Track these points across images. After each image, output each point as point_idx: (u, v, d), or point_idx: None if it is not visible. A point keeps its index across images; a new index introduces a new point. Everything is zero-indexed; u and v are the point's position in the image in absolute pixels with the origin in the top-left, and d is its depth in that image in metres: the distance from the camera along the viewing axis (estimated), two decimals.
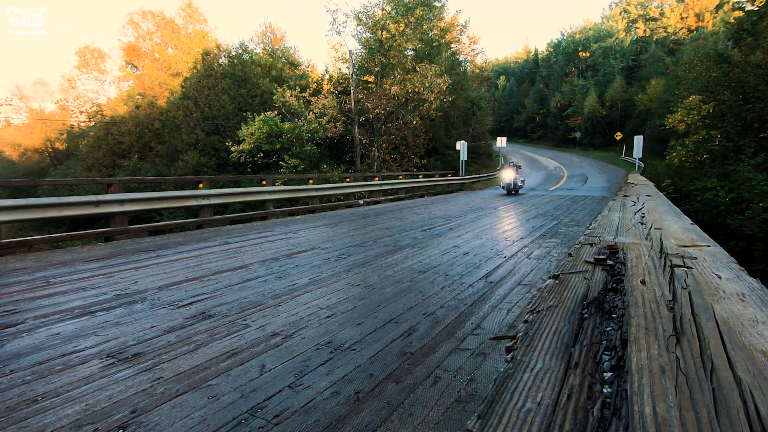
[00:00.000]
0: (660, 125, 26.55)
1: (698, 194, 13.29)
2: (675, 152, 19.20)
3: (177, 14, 37.55)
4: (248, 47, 32.48)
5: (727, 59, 16.58)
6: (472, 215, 9.91)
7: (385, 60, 23.68)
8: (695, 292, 2.59)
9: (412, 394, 2.23)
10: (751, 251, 9.84)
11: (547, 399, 1.53)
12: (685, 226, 5.56)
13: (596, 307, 2.47)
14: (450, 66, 29.15)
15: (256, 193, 9.82)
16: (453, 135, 28.89)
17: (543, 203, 12.94)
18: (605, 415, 1.45)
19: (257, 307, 3.46)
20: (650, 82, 43.38)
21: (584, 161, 38.93)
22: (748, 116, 15.06)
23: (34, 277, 4.39)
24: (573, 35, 64.42)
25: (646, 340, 1.95)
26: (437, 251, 5.73)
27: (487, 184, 24.22)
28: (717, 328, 2.00)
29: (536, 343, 2.01)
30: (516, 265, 5.00)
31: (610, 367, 1.80)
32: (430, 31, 26.11)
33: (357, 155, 23.82)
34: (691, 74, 19.47)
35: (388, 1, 23.92)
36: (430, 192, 18.45)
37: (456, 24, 33.35)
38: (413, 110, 23.93)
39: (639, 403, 1.45)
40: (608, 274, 3.18)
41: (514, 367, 1.78)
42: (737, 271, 3.16)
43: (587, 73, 58.09)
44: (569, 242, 6.24)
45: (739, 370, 1.58)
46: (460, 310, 3.50)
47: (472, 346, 2.82)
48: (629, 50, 56.64)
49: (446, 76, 23.54)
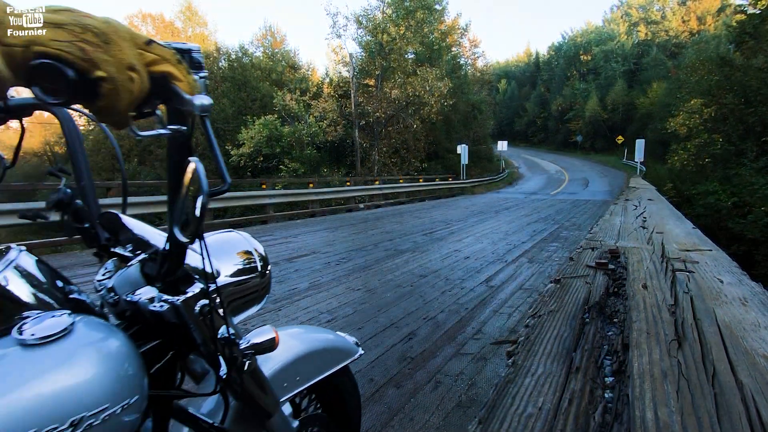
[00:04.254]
0: (661, 129, 26.54)
1: (700, 198, 13.26)
2: (677, 156, 19.20)
3: (177, 17, 37.67)
4: (248, 50, 32.54)
5: (729, 62, 16.58)
6: (473, 219, 9.90)
7: (386, 63, 23.71)
8: (697, 296, 2.58)
9: (413, 398, 2.22)
10: (753, 255, 9.82)
11: (549, 404, 1.52)
12: (686, 230, 5.56)
13: (597, 311, 2.46)
14: (451, 69, 29.19)
15: (255, 196, 9.82)
16: (454, 138, 28.89)
17: (544, 207, 12.93)
18: (606, 420, 1.44)
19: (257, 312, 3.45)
20: (652, 85, 43.39)
21: (585, 165, 38.93)
22: (749, 120, 15.04)
23: None
24: (574, 38, 64.57)
25: (647, 344, 1.94)
26: (438, 255, 5.73)
27: (488, 187, 24.23)
28: (719, 333, 1.99)
29: (537, 347, 2.00)
30: (517, 270, 4.99)
31: (611, 371, 1.80)
32: (430, 34, 26.16)
33: (357, 159, 23.83)
34: (692, 77, 19.48)
35: (389, 4, 23.99)
36: (430, 196, 18.45)
37: (457, 27, 33.41)
38: (414, 113, 23.95)
39: (640, 407, 1.45)
40: (610, 279, 3.18)
41: (515, 372, 1.77)
42: (739, 275, 3.16)
43: (588, 76, 58.15)
44: (570, 246, 6.23)
45: (741, 374, 1.58)
46: (460, 314, 3.49)
47: (473, 350, 2.81)
48: (630, 53, 56.71)
49: (447, 80, 23.57)
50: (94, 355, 0.57)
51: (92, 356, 0.57)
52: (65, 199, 0.86)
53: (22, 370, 0.51)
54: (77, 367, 0.55)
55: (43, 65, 0.39)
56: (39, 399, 0.50)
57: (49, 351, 0.53)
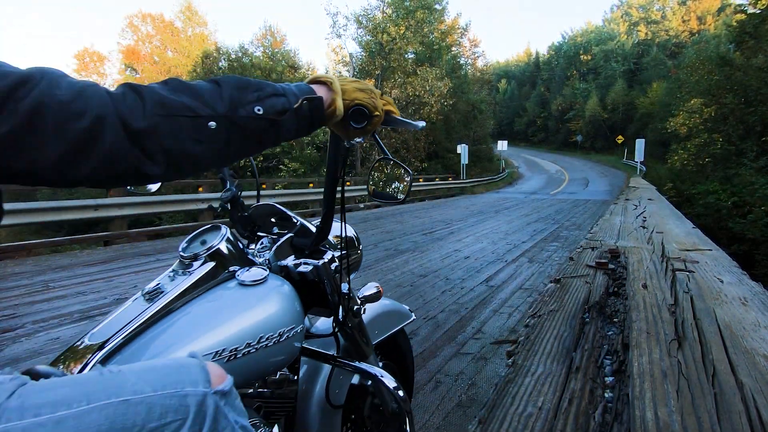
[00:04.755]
0: (662, 128, 26.54)
1: (700, 198, 13.24)
2: (677, 155, 19.18)
3: (177, 17, 37.64)
4: (248, 50, 32.49)
5: (729, 62, 16.56)
6: (473, 219, 9.90)
7: (386, 63, 23.72)
8: (697, 296, 2.58)
9: (413, 398, 2.22)
10: (753, 255, 9.80)
11: (549, 403, 1.52)
12: (686, 230, 5.56)
13: (597, 311, 2.46)
14: (451, 69, 29.18)
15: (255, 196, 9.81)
16: (454, 138, 28.87)
17: (544, 207, 12.92)
18: (606, 420, 1.44)
19: None
20: (652, 85, 43.40)
21: (585, 165, 38.92)
22: (750, 119, 15.03)
23: (33, 282, 4.38)
24: (574, 38, 64.58)
25: (647, 344, 1.94)
26: (438, 255, 5.73)
27: (488, 187, 24.22)
28: (719, 332, 1.99)
29: (537, 347, 2.00)
30: (517, 269, 4.99)
31: (611, 371, 1.79)
32: (430, 34, 26.15)
33: (357, 159, 23.82)
34: (692, 77, 19.47)
35: (389, 4, 23.98)
36: (430, 195, 18.44)
37: (457, 27, 33.40)
38: (414, 113, 23.95)
39: (640, 407, 1.44)
40: (609, 278, 3.17)
41: (515, 372, 1.77)
42: (739, 275, 3.15)
43: (588, 76, 58.15)
44: (570, 246, 6.23)
45: (741, 374, 1.57)
46: (460, 314, 3.49)
47: (473, 350, 2.81)
48: (631, 53, 56.72)
49: (447, 79, 23.58)
50: (280, 295, 0.91)
51: (280, 295, 0.90)
52: (234, 196, 1.18)
53: (244, 301, 0.86)
54: (272, 301, 0.88)
55: (358, 109, 0.74)
56: (253, 320, 0.83)
57: (257, 290, 0.88)
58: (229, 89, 0.61)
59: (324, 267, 1.00)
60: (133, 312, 0.78)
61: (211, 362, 0.65)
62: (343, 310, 1.03)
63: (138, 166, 0.54)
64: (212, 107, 0.58)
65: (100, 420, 0.50)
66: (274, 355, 0.86)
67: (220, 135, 0.59)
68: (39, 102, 0.47)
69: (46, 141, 0.47)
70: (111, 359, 0.71)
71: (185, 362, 0.62)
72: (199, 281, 0.85)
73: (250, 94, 0.62)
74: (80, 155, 0.50)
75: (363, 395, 1.27)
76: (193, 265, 0.89)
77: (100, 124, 0.49)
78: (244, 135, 0.62)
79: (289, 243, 1.08)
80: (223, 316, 0.82)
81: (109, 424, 0.50)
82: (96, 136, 0.50)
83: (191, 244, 0.95)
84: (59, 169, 0.50)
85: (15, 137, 0.46)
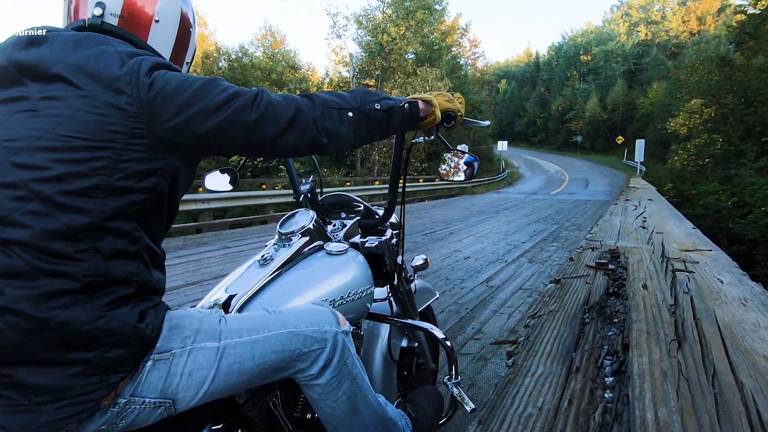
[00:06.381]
0: (662, 129, 26.50)
1: (700, 198, 13.23)
2: (677, 156, 19.16)
3: None
4: (248, 50, 32.51)
5: (729, 63, 16.56)
6: (473, 219, 9.90)
7: (386, 63, 23.72)
8: (697, 296, 2.58)
9: None
10: (753, 256, 9.78)
11: (548, 404, 1.52)
12: (686, 231, 5.55)
13: (597, 311, 2.46)
14: (451, 69, 29.22)
15: (255, 196, 9.82)
16: (453, 139, 28.91)
17: (544, 207, 12.92)
18: (606, 420, 1.44)
19: None
20: (652, 85, 43.37)
21: (585, 165, 38.91)
22: (750, 120, 15.02)
23: None
24: (574, 38, 64.60)
25: (647, 344, 1.94)
26: (438, 255, 5.72)
27: (488, 188, 24.22)
28: (719, 333, 1.99)
29: (537, 347, 2.00)
30: (517, 270, 4.99)
31: (611, 371, 1.79)
32: (430, 34, 26.15)
33: (357, 159, 23.84)
34: (692, 78, 19.44)
35: (389, 5, 23.99)
36: (430, 196, 18.44)
37: (457, 27, 33.42)
38: None
39: (640, 408, 1.45)
40: (610, 279, 3.17)
41: (515, 372, 1.77)
42: (739, 275, 3.15)
43: (589, 76, 58.15)
44: (570, 246, 6.23)
45: (741, 374, 1.58)
46: (460, 314, 3.49)
47: (473, 350, 2.81)
48: (631, 53, 56.73)
49: (447, 80, 23.59)
50: (357, 262, 1.18)
51: (357, 263, 1.18)
52: (312, 189, 1.44)
53: (333, 266, 1.13)
54: (352, 267, 1.16)
55: (448, 114, 1.05)
56: (341, 280, 1.10)
57: (341, 258, 1.15)
58: (359, 94, 0.93)
59: (386, 242, 1.30)
60: (254, 273, 1.07)
61: (336, 309, 0.97)
62: (398, 278, 1.35)
63: (317, 138, 0.84)
64: (350, 104, 0.90)
65: (277, 344, 0.83)
66: (356, 309, 1.12)
67: (355, 120, 0.89)
68: (269, 102, 0.80)
69: (271, 124, 0.79)
70: (247, 305, 0.97)
71: (322, 308, 0.94)
72: (296, 252, 1.11)
73: (372, 97, 0.94)
74: (288, 130, 0.81)
75: (411, 355, 1.57)
76: (292, 239, 1.15)
77: (297, 114, 0.81)
78: (368, 120, 0.91)
79: (357, 224, 1.36)
80: (321, 277, 1.10)
81: (282, 347, 0.83)
82: (296, 120, 0.81)
83: (285, 224, 1.22)
84: (276, 141, 0.81)
85: (257, 122, 0.78)
